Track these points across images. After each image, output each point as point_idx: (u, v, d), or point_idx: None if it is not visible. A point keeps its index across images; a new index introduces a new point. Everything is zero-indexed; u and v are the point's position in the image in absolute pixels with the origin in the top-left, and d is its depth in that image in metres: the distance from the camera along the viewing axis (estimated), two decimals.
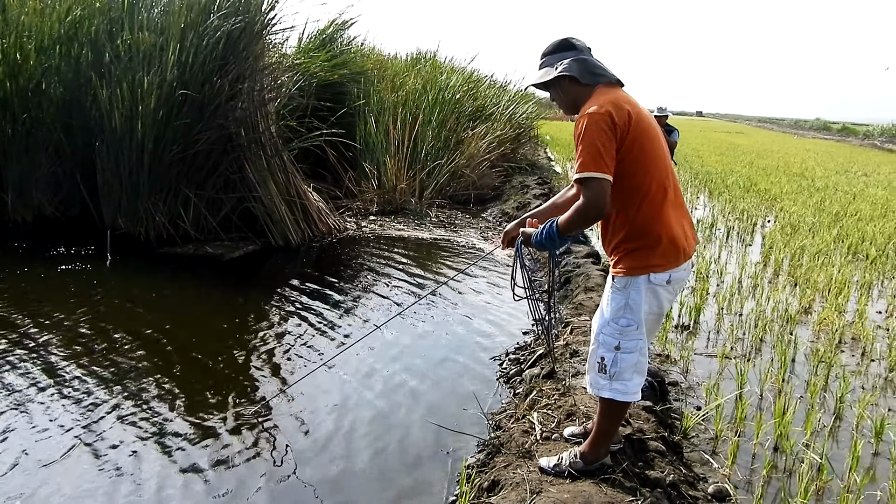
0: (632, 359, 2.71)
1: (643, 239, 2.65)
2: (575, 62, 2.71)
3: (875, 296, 6.84)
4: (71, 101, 7.67)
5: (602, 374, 2.75)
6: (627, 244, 2.68)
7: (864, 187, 15.88)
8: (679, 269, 2.70)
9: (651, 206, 2.64)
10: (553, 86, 2.80)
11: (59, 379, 4.05)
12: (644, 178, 2.62)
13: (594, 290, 5.68)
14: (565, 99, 2.79)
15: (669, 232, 2.65)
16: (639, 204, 2.64)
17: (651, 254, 2.64)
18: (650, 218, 2.64)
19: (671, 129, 9.55)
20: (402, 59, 15.25)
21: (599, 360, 2.75)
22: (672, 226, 2.67)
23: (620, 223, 2.70)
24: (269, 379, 4.34)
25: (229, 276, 6.65)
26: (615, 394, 2.74)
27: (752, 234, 9.78)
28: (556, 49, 2.80)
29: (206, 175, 7.63)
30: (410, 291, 6.30)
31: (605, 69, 2.74)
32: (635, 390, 2.76)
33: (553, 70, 2.74)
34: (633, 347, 2.71)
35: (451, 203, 11.19)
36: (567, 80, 2.73)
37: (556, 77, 2.73)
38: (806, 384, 4.52)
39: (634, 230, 2.66)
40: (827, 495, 3.28)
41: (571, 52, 2.75)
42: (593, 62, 2.74)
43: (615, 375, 2.72)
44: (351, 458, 3.44)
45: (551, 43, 2.83)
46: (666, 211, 2.66)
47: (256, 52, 7.68)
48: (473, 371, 4.61)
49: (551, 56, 2.79)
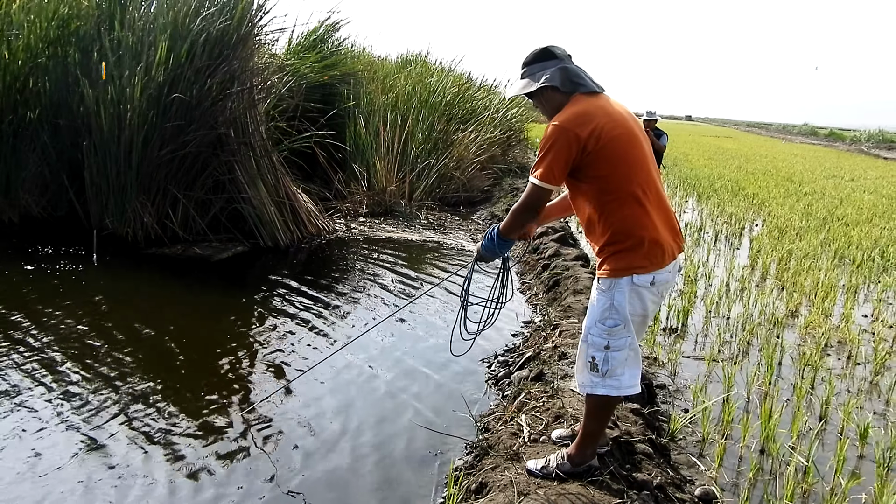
0: (621, 356, 2.74)
1: (625, 241, 2.68)
2: (557, 71, 2.75)
3: (861, 300, 6.89)
4: (58, 101, 7.61)
5: (594, 373, 2.77)
6: (611, 246, 2.72)
7: (851, 192, 16.01)
8: (663, 270, 2.72)
9: (632, 208, 2.67)
10: (536, 96, 2.84)
11: (49, 379, 4.02)
12: (623, 181, 2.66)
13: (583, 293, 5.69)
14: (548, 107, 2.82)
15: (652, 234, 2.68)
16: (618, 208, 2.68)
17: (634, 256, 2.67)
18: (631, 220, 2.67)
19: (660, 133, 9.58)
20: (392, 60, 15.26)
21: (590, 360, 2.77)
22: (654, 228, 2.69)
23: (603, 226, 2.73)
24: (258, 382, 4.32)
25: (218, 277, 6.63)
26: (610, 389, 2.76)
27: (740, 238, 9.83)
28: (537, 58, 2.83)
29: (195, 176, 7.59)
30: (400, 292, 6.30)
31: (584, 77, 2.78)
32: (631, 383, 2.78)
33: (536, 80, 2.78)
34: (622, 346, 2.73)
35: (441, 205, 11.20)
36: (550, 89, 2.77)
37: (540, 87, 2.77)
38: (792, 387, 4.55)
39: (616, 233, 2.70)
40: (812, 498, 3.30)
41: (553, 62, 2.79)
42: (574, 70, 2.78)
43: (607, 373, 2.75)
44: (337, 461, 3.43)
45: (532, 52, 2.87)
46: (648, 213, 2.69)
47: (246, 53, 7.66)
48: (462, 373, 4.61)
49: (533, 66, 2.83)
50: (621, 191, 2.67)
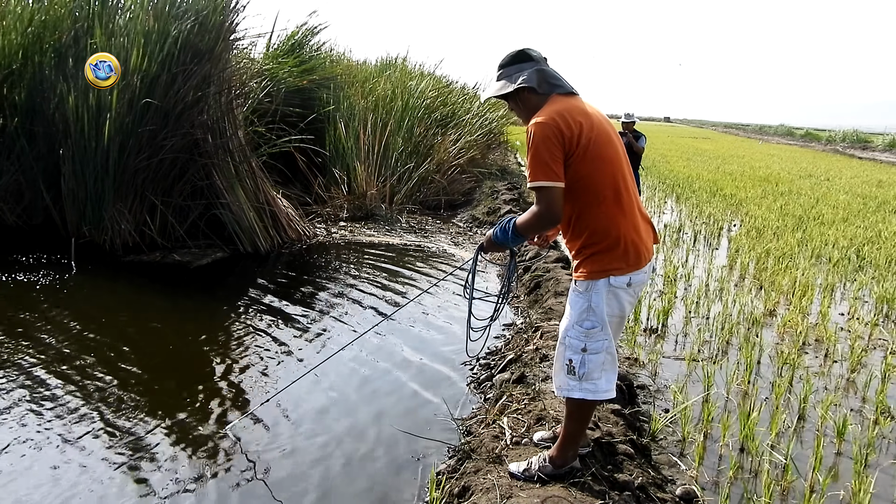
0: (598, 359, 2.75)
1: (602, 243, 2.69)
2: (534, 73, 2.76)
3: (838, 298, 6.98)
4: (34, 108, 7.52)
5: (571, 376, 2.78)
6: (587, 249, 2.73)
7: (827, 192, 16.21)
8: (640, 272, 2.75)
9: (608, 210, 2.69)
10: (512, 98, 2.83)
11: (27, 387, 3.96)
12: (599, 184, 2.67)
13: (563, 295, 5.71)
14: (524, 109, 2.82)
15: (628, 235, 2.70)
16: (595, 209, 2.69)
17: (610, 257, 2.69)
18: (607, 222, 2.69)
19: (639, 135, 9.63)
20: (371, 64, 15.24)
21: (567, 363, 2.78)
22: (630, 229, 2.72)
23: (579, 228, 2.74)
24: (241, 389, 4.29)
25: (198, 283, 6.57)
26: (586, 393, 2.76)
27: (719, 238, 9.92)
28: (513, 60, 2.83)
29: (173, 182, 7.53)
30: (382, 297, 6.28)
31: (560, 79, 2.79)
32: (607, 388, 2.78)
33: (512, 82, 2.78)
34: (599, 348, 2.74)
35: (422, 209, 11.20)
36: (526, 91, 2.77)
37: (516, 89, 2.77)
38: (771, 385, 4.59)
39: (592, 234, 2.71)
40: (791, 495, 3.34)
41: (529, 63, 2.79)
42: (550, 72, 2.79)
43: (584, 376, 2.75)
44: (319, 466, 3.41)
45: (508, 54, 2.87)
46: (623, 214, 2.71)
47: (220, 56, 7.60)
48: (444, 376, 4.61)
49: (509, 67, 2.83)
50: (600, 192, 2.68)
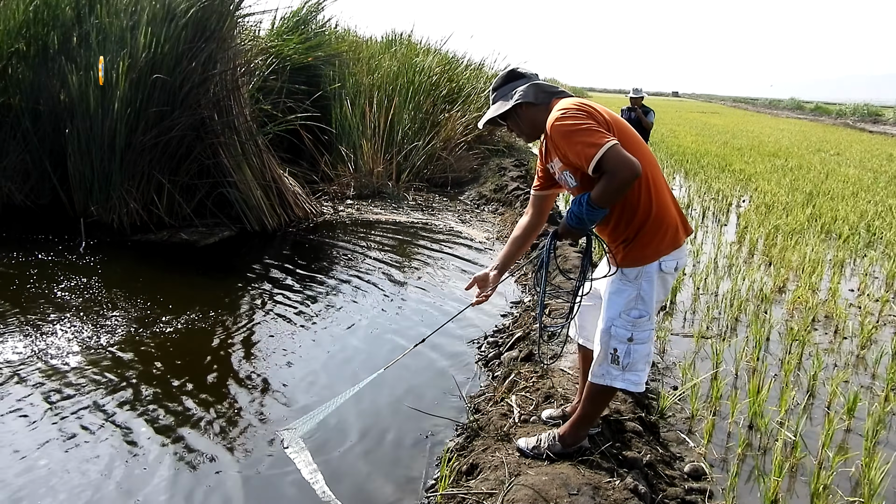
0: (644, 349, 2.71)
1: (651, 227, 2.62)
2: (529, 88, 2.73)
3: (848, 274, 6.94)
4: (39, 87, 7.49)
5: (614, 365, 2.72)
6: (637, 232, 2.63)
7: (837, 166, 16.07)
8: (683, 254, 2.72)
9: (651, 193, 2.63)
10: (510, 116, 2.80)
11: (37, 370, 3.99)
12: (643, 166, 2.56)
13: (571, 272, 5.69)
14: (524, 125, 2.79)
15: (673, 218, 2.67)
16: (640, 192, 2.61)
17: (661, 241, 2.63)
18: (655, 205, 2.62)
19: (647, 111, 9.60)
20: (377, 40, 15.10)
21: (612, 352, 2.71)
22: (673, 212, 2.68)
23: (629, 211, 2.63)
24: (253, 368, 4.30)
25: (205, 262, 6.58)
26: (627, 384, 2.73)
27: (728, 214, 9.87)
28: (505, 80, 2.82)
29: (180, 160, 7.52)
30: (389, 275, 6.28)
31: (557, 87, 2.77)
32: (644, 380, 2.77)
33: (509, 100, 2.75)
34: (645, 338, 2.71)
35: (429, 186, 11.16)
36: (522, 106, 2.75)
37: (513, 106, 2.74)
38: (780, 362, 4.58)
39: (641, 219, 2.62)
40: (801, 472, 3.34)
41: (521, 80, 2.78)
42: (544, 84, 2.76)
43: (628, 367, 2.71)
44: (331, 443, 3.43)
45: (499, 76, 2.86)
46: (665, 197, 2.67)
47: (227, 34, 7.55)
48: (452, 355, 4.61)
49: (503, 88, 2.81)
50: (643, 175, 2.57)
